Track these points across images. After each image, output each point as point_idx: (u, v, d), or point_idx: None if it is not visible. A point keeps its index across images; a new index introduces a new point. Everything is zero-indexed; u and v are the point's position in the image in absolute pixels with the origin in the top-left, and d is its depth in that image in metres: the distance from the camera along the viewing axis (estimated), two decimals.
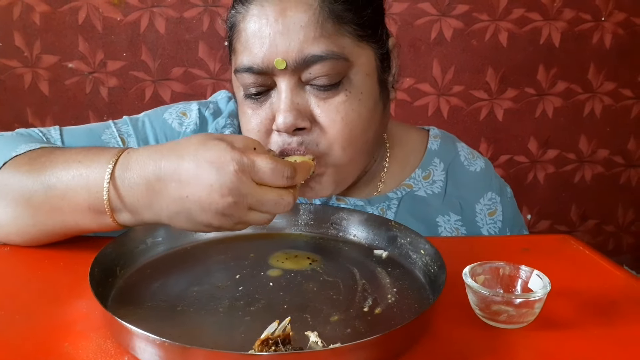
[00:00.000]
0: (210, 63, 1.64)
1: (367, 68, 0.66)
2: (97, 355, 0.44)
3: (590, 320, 0.51)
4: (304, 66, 0.62)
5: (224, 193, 0.49)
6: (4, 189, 0.60)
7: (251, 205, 0.50)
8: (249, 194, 0.50)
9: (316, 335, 0.44)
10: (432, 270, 0.56)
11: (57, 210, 0.58)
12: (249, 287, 0.54)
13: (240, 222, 0.52)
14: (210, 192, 0.49)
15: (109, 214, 0.55)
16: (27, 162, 0.61)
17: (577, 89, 1.78)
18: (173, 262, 0.60)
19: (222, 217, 0.51)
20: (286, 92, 0.63)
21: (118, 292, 0.53)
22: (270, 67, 0.62)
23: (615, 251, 1.95)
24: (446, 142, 0.84)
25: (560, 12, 1.70)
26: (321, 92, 0.63)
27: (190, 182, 0.50)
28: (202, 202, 0.50)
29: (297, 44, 0.61)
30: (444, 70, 1.72)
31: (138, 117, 0.80)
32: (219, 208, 0.50)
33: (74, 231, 0.61)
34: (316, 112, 0.64)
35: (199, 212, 0.51)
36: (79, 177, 0.56)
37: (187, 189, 0.50)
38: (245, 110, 0.67)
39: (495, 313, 0.48)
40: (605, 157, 1.86)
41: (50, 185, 0.58)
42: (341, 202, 0.77)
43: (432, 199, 0.79)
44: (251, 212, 0.51)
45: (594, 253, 0.67)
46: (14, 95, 1.60)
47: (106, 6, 1.56)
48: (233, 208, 0.50)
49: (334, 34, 0.62)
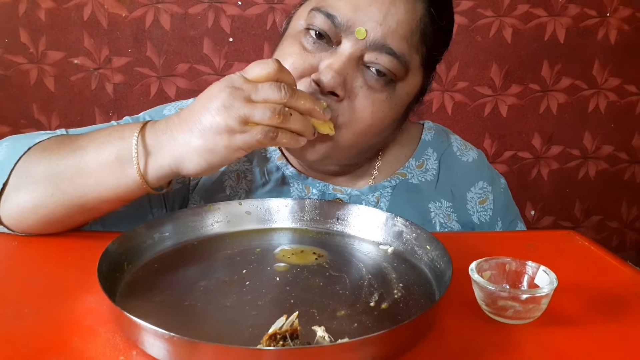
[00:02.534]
0: (215, 59, 1.64)
1: (411, 89, 0.70)
2: (105, 349, 0.44)
3: (596, 315, 0.52)
4: (376, 49, 0.65)
5: (220, 88, 0.57)
6: (26, 170, 0.62)
7: (248, 93, 0.56)
8: (242, 84, 0.57)
9: (323, 330, 0.44)
10: (439, 266, 0.56)
11: (81, 171, 0.60)
12: (255, 282, 0.54)
13: (245, 116, 0.56)
14: (210, 94, 0.57)
15: (135, 162, 0.59)
16: (55, 142, 0.65)
17: (582, 85, 1.77)
18: (180, 257, 0.60)
19: (224, 110, 0.56)
20: (346, 57, 0.65)
21: (126, 287, 0.54)
22: (351, 29, 0.64)
23: (619, 247, 1.95)
24: (439, 133, 0.87)
25: (565, 8, 1.69)
26: (371, 80, 0.66)
27: (197, 102, 0.58)
28: (206, 104, 0.57)
29: (385, 29, 0.64)
30: (448, 66, 1.71)
31: (139, 116, 0.82)
32: (219, 101, 0.56)
33: (91, 198, 0.61)
34: (357, 92, 0.66)
35: (205, 114, 0.56)
36: (115, 132, 0.61)
37: (195, 107, 0.58)
38: (294, 44, 0.68)
39: (501, 309, 0.48)
40: (610, 154, 1.85)
41: (81, 146, 0.62)
42: (337, 192, 0.79)
43: (425, 186, 0.81)
44: (253, 105, 0.56)
45: (599, 249, 0.67)
46: (19, 92, 1.61)
47: (111, 2, 1.56)
48: (230, 97, 0.56)
49: (413, 46, 0.67)
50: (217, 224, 0.66)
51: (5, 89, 1.60)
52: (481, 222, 0.82)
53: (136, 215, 0.73)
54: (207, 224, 0.66)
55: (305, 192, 0.78)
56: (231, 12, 1.61)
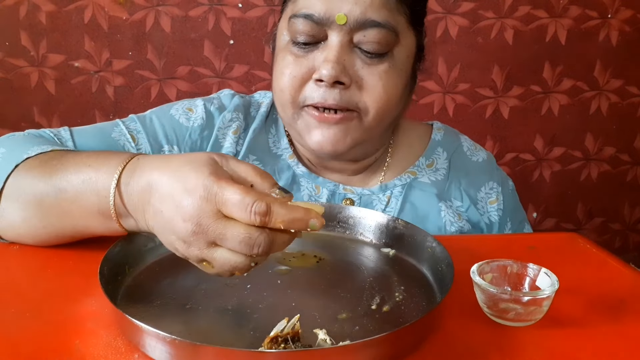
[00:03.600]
0: (216, 62, 1.64)
1: (409, 50, 0.72)
2: (107, 352, 0.44)
3: (598, 318, 0.51)
4: (361, 28, 0.66)
5: (185, 218, 0.46)
6: (16, 191, 0.61)
7: (213, 238, 0.46)
8: (209, 225, 0.45)
9: (325, 333, 0.44)
10: (440, 269, 0.56)
11: (68, 214, 0.58)
12: (256, 284, 0.54)
13: (204, 258, 0.48)
14: (176, 213, 0.47)
15: (114, 219, 0.55)
16: (39, 164, 0.62)
17: (584, 86, 1.77)
18: (181, 260, 0.59)
19: (184, 244, 0.47)
20: (337, 46, 0.67)
21: (127, 290, 0.54)
22: (331, 19, 0.66)
23: (622, 249, 1.94)
24: (449, 133, 0.88)
25: (567, 10, 1.69)
26: (367, 58, 0.68)
27: (166, 198, 0.48)
28: (169, 222, 0.48)
29: (362, 6, 0.66)
30: (449, 68, 1.71)
31: (145, 114, 0.81)
32: (181, 233, 0.47)
33: (83, 234, 0.61)
34: (360, 74, 0.68)
35: (168, 231, 0.48)
36: (88, 181, 0.56)
37: (163, 204, 0.48)
38: (286, 56, 0.70)
39: (503, 311, 0.48)
40: (612, 155, 1.85)
41: (61, 188, 0.58)
42: (348, 191, 0.79)
43: (435, 185, 0.81)
44: (216, 248, 0.47)
45: (601, 251, 0.67)
46: (20, 94, 1.61)
47: (112, 5, 1.57)
48: (193, 237, 0.46)
49: (394, 9, 0.68)
50: None
51: (6, 92, 1.60)
52: (491, 222, 0.82)
53: None
54: None
55: (316, 192, 0.78)
56: (232, 14, 1.61)
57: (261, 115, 0.83)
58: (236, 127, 0.80)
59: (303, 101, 0.70)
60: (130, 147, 0.76)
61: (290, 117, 0.72)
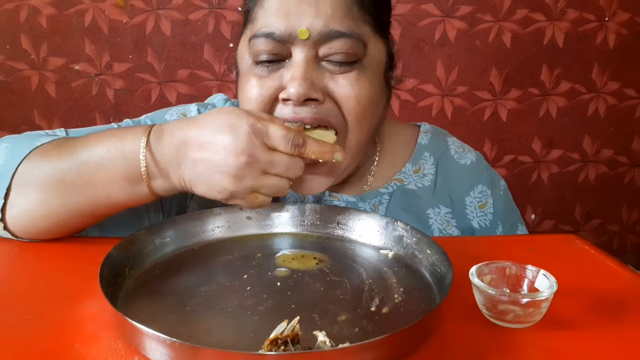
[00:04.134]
0: (216, 65, 1.64)
1: (378, 58, 0.69)
2: (107, 355, 0.44)
3: (597, 319, 0.52)
4: (326, 40, 0.64)
5: (237, 153, 0.53)
6: (31, 174, 0.62)
7: (264, 167, 0.54)
8: (261, 155, 0.54)
9: (324, 335, 0.44)
10: (439, 270, 0.56)
11: (90, 184, 0.60)
12: (256, 287, 0.55)
13: (254, 189, 0.55)
14: (225, 152, 0.53)
15: (145, 181, 0.58)
16: (54, 147, 0.63)
17: (581, 89, 1.78)
18: (181, 262, 0.60)
19: (235, 179, 0.54)
20: (303, 62, 0.64)
21: (127, 292, 0.54)
22: (293, 35, 0.64)
23: (620, 251, 1.95)
24: (436, 136, 0.85)
25: (564, 13, 1.70)
26: (336, 68, 0.66)
27: (208, 144, 0.54)
28: (218, 162, 0.54)
29: (324, 18, 0.63)
30: (447, 71, 1.72)
31: (139, 119, 0.81)
32: (233, 168, 0.53)
33: (104, 207, 0.62)
34: (330, 86, 0.65)
35: (216, 173, 0.54)
36: (114, 148, 0.59)
37: (206, 152, 0.54)
38: (250, 79, 0.67)
39: (502, 313, 0.49)
40: (610, 157, 1.86)
41: (83, 160, 0.60)
42: (334, 198, 0.78)
43: (423, 192, 0.80)
44: (265, 176, 0.55)
45: (599, 252, 0.67)
46: (21, 97, 1.61)
47: (112, 9, 1.57)
48: (246, 169, 0.53)
49: (357, 19, 0.66)
50: (218, 229, 0.66)
51: (7, 95, 1.61)
52: (481, 227, 0.81)
53: (133, 220, 0.72)
54: (208, 229, 0.66)
55: (302, 199, 0.78)
56: (231, 17, 1.61)
57: None
58: None
59: None
60: None
61: None
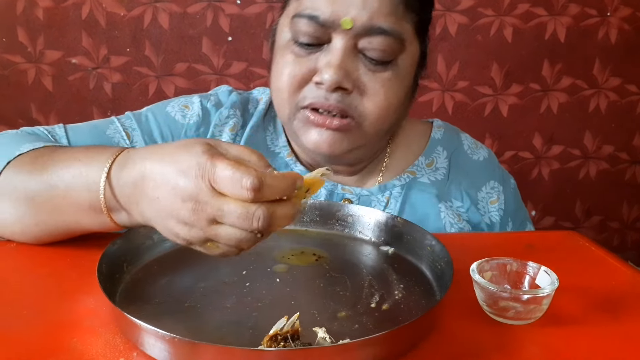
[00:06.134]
0: (214, 59, 1.63)
1: (413, 58, 0.71)
2: (105, 350, 0.44)
3: (597, 316, 0.52)
4: (367, 34, 0.65)
5: (184, 198, 0.46)
6: (8, 188, 0.60)
7: (213, 215, 0.45)
8: (207, 201, 0.45)
9: (324, 331, 0.44)
10: (439, 267, 0.56)
11: (59, 210, 0.58)
12: (255, 283, 0.54)
13: (207, 239, 0.47)
14: (174, 196, 0.47)
15: (105, 213, 0.54)
16: (30, 161, 0.61)
17: (582, 84, 1.77)
18: (179, 258, 0.60)
19: (185, 226, 0.47)
20: (341, 51, 0.65)
21: (125, 288, 0.53)
22: (336, 23, 0.64)
23: (620, 247, 1.95)
24: (449, 132, 0.86)
25: (566, 7, 1.69)
26: (372, 64, 0.66)
27: (161, 184, 0.48)
28: (168, 206, 0.47)
29: (369, 12, 0.64)
30: (448, 65, 1.71)
31: (140, 112, 0.80)
32: (181, 214, 0.46)
33: (76, 231, 0.61)
34: (363, 80, 0.67)
35: (167, 217, 0.48)
36: (79, 176, 0.56)
37: (159, 191, 0.48)
38: (286, 55, 0.68)
39: (503, 309, 0.48)
40: (610, 154, 1.85)
41: (52, 184, 0.57)
42: (346, 192, 0.78)
43: (435, 185, 0.80)
44: (217, 226, 0.46)
45: (599, 249, 0.67)
46: (17, 91, 1.60)
47: (109, 1, 1.56)
48: (194, 216, 0.46)
49: (401, 17, 0.66)
50: None
51: (3, 89, 1.60)
52: (492, 222, 0.81)
53: None
54: None
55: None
56: (230, 11, 1.60)
57: (259, 113, 0.82)
58: (233, 124, 0.80)
59: (301, 102, 0.68)
60: (124, 144, 0.75)
61: (286, 116, 0.72)
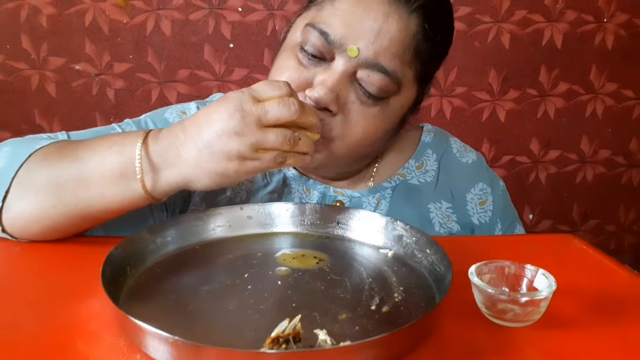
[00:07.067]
0: (216, 65, 1.65)
1: (405, 102, 0.71)
2: (110, 353, 0.44)
3: (595, 318, 0.52)
4: (368, 67, 0.65)
5: (230, 112, 0.55)
6: (28, 178, 0.62)
7: (258, 116, 0.55)
8: (251, 108, 0.55)
9: (325, 334, 0.44)
10: (439, 270, 0.57)
11: (85, 183, 0.60)
12: (257, 285, 0.55)
13: (259, 144, 0.55)
14: (220, 116, 0.55)
15: (139, 176, 0.58)
16: (56, 150, 0.64)
17: (579, 90, 1.78)
18: (182, 261, 0.61)
19: (236, 137, 0.55)
20: (339, 74, 0.66)
21: (129, 291, 0.54)
22: (343, 47, 0.65)
23: (617, 251, 1.95)
24: (439, 135, 0.88)
25: (563, 14, 1.71)
26: (364, 96, 0.67)
27: (206, 119, 0.57)
28: (216, 127, 0.55)
29: (377, 48, 0.65)
30: (446, 71, 1.72)
31: (140, 118, 0.82)
32: (231, 126, 0.55)
33: (95, 210, 0.62)
34: (350, 107, 0.67)
35: (216, 139, 0.55)
36: (115, 146, 0.60)
37: (204, 125, 0.56)
38: (291, 58, 0.70)
39: (501, 312, 0.49)
40: (607, 158, 1.86)
41: (82, 157, 0.61)
42: (338, 194, 0.80)
43: (425, 187, 0.82)
44: (265, 129, 0.55)
45: (597, 252, 0.68)
46: (21, 97, 1.61)
47: (112, 9, 1.57)
48: (243, 122, 0.54)
49: (407, 63, 0.67)
50: (219, 228, 0.67)
51: (7, 95, 1.61)
52: (481, 223, 0.83)
53: (137, 219, 0.73)
54: (209, 229, 0.66)
55: (306, 194, 0.79)
56: (231, 18, 1.62)
57: None
58: None
59: None
60: None
61: None
